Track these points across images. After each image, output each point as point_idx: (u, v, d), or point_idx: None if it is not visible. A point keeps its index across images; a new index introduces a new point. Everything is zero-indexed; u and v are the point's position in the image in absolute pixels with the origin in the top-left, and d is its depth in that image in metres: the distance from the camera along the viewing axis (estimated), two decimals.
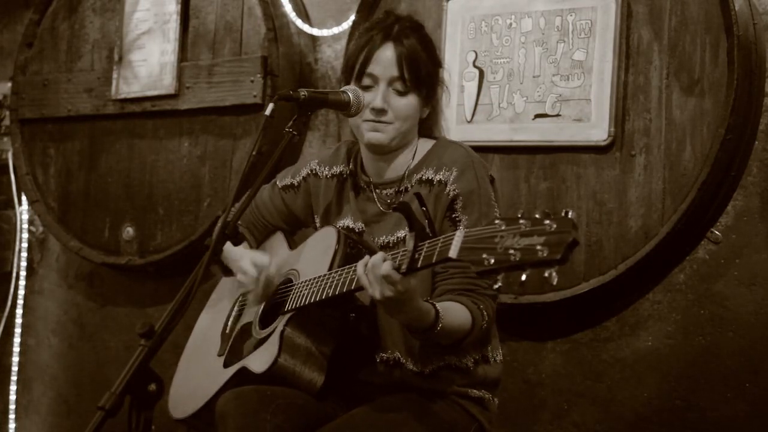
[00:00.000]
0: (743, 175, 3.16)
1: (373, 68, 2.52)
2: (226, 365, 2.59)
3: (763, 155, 3.15)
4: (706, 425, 3.17)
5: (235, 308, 2.76)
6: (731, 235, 3.18)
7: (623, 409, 3.30)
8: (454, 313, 2.35)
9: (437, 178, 2.50)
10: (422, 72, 2.52)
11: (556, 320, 3.38)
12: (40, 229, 4.62)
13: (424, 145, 2.61)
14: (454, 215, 2.45)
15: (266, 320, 2.58)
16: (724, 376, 3.16)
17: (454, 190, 2.46)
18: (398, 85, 2.52)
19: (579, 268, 3.23)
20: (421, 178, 2.53)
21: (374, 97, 2.51)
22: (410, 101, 2.53)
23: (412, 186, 2.54)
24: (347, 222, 2.62)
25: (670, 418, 3.22)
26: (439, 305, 2.31)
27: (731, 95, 3.00)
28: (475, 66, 3.45)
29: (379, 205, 2.59)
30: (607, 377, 3.33)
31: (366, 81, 2.53)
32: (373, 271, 2.20)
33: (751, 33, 3.07)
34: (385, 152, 2.58)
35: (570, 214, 1.82)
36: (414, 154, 2.59)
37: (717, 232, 3.19)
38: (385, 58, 2.52)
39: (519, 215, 1.89)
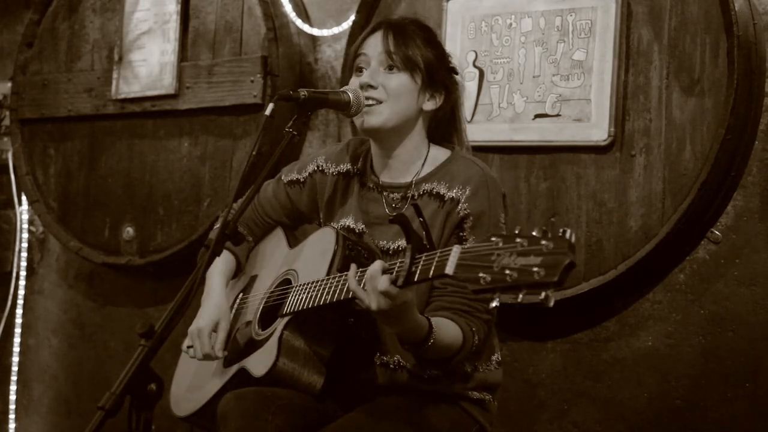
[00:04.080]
0: (743, 175, 3.16)
1: (364, 49, 2.53)
2: (225, 365, 2.60)
3: (763, 155, 3.16)
4: (706, 425, 3.17)
5: (235, 305, 2.76)
6: (731, 235, 3.18)
7: (623, 409, 3.30)
8: (447, 330, 2.33)
9: (450, 195, 2.47)
10: (413, 52, 2.50)
11: (556, 320, 3.37)
12: (40, 229, 4.62)
13: (437, 154, 2.57)
14: (461, 234, 2.43)
15: (265, 320, 2.58)
16: (724, 376, 3.16)
17: (465, 209, 2.44)
18: (387, 62, 2.50)
19: (579, 268, 3.23)
20: (431, 190, 2.50)
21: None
22: (401, 80, 2.50)
23: (420, 194, 2.52)
24: (348, 222, 2.60)
25: (670, 418, 3.22)
26: (433, 320, 2.30)
27: (731, 95, 3.00)
28: (475, 66, 3.45)
29: (384, 208, 2.58)
30: (607, 377, 3.33)
31: (359, 63, 2.53)
32: (371, 283, 2.18)
33: (751, 33, 3.07)
34: (382, 138, 2.55)
35: (567, 233, 1.79)
36: (424, 161, 2.57)
37: (717, 232, 3.19)
38: (377, 38, 2.53)
39: (516, 232, 1.87)
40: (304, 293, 2.45)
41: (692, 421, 3.19)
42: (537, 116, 3.33)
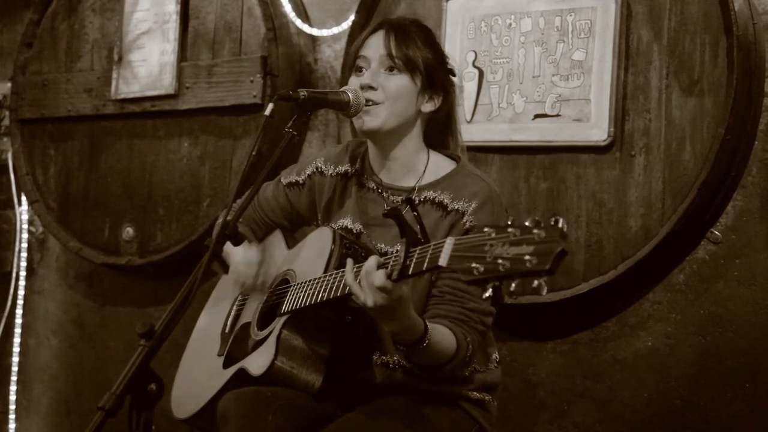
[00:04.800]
0: (743, 175, 3.16)
1: (365, 50, 2.54)
2: (225, 366, 2.60)
3: (763, 155, 3.16)
4: (706, 425, 3.17)
5: (234, 308, 2.76)
6: (731, 235, 3.18)
7: (623, 409, 3.30)
8: (442, 335, 2.33)
9: (454, 206, 2.47)
10: (414, 54, 2.50)
11: (556, 320, 3.38)
12: (40, 229, 4.62)
13: (439, 162, 2.57)
14: None
15: (264, 321, 2.58)
16: (724, 376, 3.16)
17: (470, 221, 2.44)
18: (387, 63, 2.51)
19: (579, 268, 3.23)
20: (434, 199, 2.50)
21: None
22: (401, 81, 2.50)
23: (421, 201, 2.51)
24: (346, 222, 2.60)
25: (670, 418, 3.22)
26: (429, 324, 2.30)
27: (731, 95, 3.00)
28: (474, 66, 3.45)
29: (383, 209, 2.57)
30: (607, 377, 3.33)
31: (359, 64, 2.54)
32: (367, 278, 2.18)
33: (751, 33, 3.07)
34: (381, 139, 2.55)
35: (560, 222, 1.80)
36: (426, 166, 2.57)
37: (717, 232, 3.19)
38: (378, 39, 2.53)
39: (509, 222, 1.88)
40: (301, 292, 2.45)
41: (692, 421, 3.19)
42: (537, 116, 3.33)
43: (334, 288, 2.35)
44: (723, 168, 3.07)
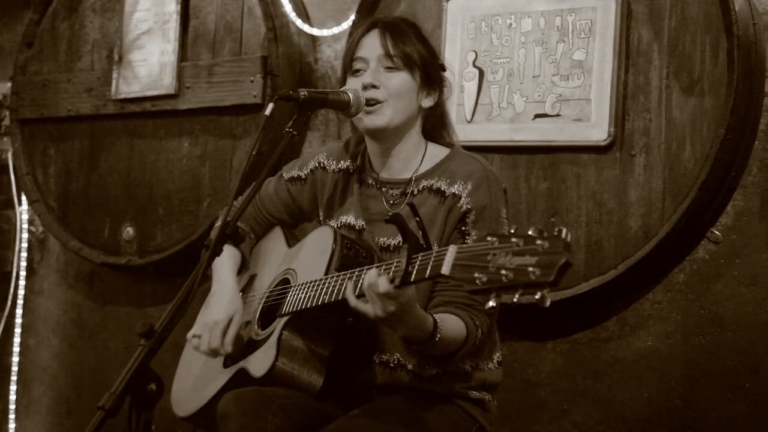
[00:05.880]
0: (743, 175, 3.16)
1: (362, 52, 2.54)
2: (225, 365, 2.60)
3: (763, 155, 3.16)
4: (706, 425, 3.17)
5: None
6: (731, 235, 3.18)
7: (623, 409, 3.30)
8: (451, 325, 2.34)
9: (451, 190, 2.48)
10: (410, 50, 2.52)
11: (556, 320, 3.38)
12: (40, 229, 4.62)
13: (435, 151, 2.59)
14: (464, 228, 2.44)
15: (265, 320, 2.58)
16: (724, 376, 3.16)
17: (467, 204, 2.45)
18: (386, 62, 2.51)
19: (579, 268, 3.23)
20: (431, 186, 2.51)
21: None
22: (402, 78, 2.51)
23: (419, 191, 2.53)
24: (349, 219, 2.61)
25: (670, 418, 3.22)
26: (436, 316, 2.31)
27: (731, 95, 3.00)
28: (475, 66, 3.45)
29: (384, 204, 2.58)
30: (607, 377, 3.33)
31: (357, 66, 2.54)
32: (372, 290, 2.19)
33: (751, 33, 3.07)
34: (385, 137, 2.56)
35: (563, 232, 1.79)
36: (423, 158, 2.58)
37: (717, 232, 3.19)
38: (373, 40, 2.54)
39: (512, 231, 1.87)
40: (302, 293, 2.45)
41: (692, 421, 3.19)
42: (537, 116, 3.33)
43: (336, 291, 2.34)
44: (723, 168, 3.07)
